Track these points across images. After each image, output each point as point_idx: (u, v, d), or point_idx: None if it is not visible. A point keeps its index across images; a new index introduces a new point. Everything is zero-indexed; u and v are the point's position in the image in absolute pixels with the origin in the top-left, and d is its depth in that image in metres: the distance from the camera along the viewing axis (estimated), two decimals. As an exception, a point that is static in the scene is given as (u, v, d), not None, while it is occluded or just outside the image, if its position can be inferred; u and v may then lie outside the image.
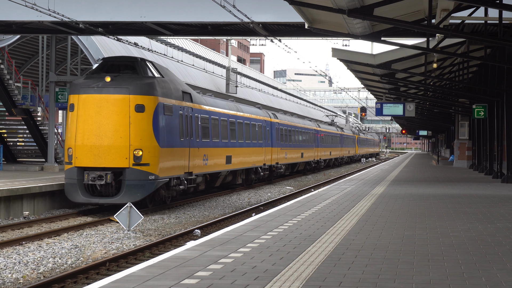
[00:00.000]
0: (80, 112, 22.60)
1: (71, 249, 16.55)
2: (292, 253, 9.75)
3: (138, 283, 7.64)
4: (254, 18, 26.86)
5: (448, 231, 12.44)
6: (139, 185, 22.45)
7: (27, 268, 14.40)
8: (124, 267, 14.37)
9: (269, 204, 27.72)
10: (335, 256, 9.50)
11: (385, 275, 8.20)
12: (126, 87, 22.50)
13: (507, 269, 8.67)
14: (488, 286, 7.60)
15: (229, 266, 8.69)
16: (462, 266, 8.81)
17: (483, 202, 19.09)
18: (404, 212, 15.97)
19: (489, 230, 12.59)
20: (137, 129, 22.45)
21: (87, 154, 22.30)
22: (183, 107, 25.63)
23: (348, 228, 12.67)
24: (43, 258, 15.38)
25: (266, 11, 27.04)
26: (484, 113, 36.54)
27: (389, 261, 9.14)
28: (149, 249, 16.61)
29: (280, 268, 8.61)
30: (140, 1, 27.38)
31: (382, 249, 10.17)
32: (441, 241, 11.12)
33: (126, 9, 27.49)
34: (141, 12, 27.56)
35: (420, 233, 12.11)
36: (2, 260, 14.98)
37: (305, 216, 14.79)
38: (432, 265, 8.90)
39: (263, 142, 39.56)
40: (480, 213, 15.79)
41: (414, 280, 7.89)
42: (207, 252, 9.77)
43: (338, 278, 8.01)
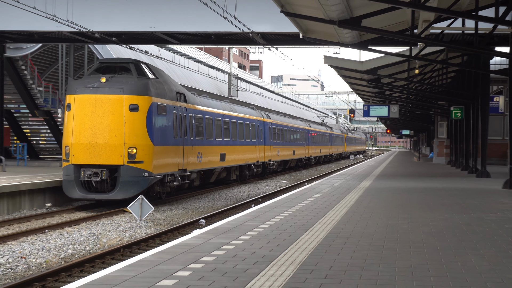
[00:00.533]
0: (76, 111, 21.57)
1: (89, 237, 16.57)
2: (288, 241, 9.78)
3: (149, 267, 7.69)
4: (253, 28, 26.87)
5: (427, 220, 12.47)
6: (133, 182, 21.38)
7: (49, 254, 14.44)
8: (136, 253, 14.39)
9: (267, 196, 27.70)
10: (326, 243, 9.53)
11: (370, 260, 8.24)
12: (121, 88, 21.52)
13: (481, 254, 8.72)
14: (463, 270, 7.64)
15: (231, 252, 8.73)
16: (440, 252, 8.85)
17: (459, 194, 19.11)
18: (388, 203, 15.99)
19: (464, 220, 12.62)
20: (131, 128, 21.44)
21: (83, 152, 21.26)
22: (177, 107, 24.64)
23: (338, 218, 12.69)
24: (64, 245, 15.41)
25: (264, 22, 27.04)
26: (461, 115, 36.58)
27: (374, 248, 9.17)
28: (159, 237, 16.62)
29: (277, 254, 8.64)
30: (150, 13, 27.36)
31: (368, 237, 10.21)
32: (421, 229, 11.16)
33: (138, 20, 27.48)
34: (151, 23, 27.57)
35: (402, 222, 12.14)
36: (27, 247, 15.01)
37: (299, 207, 14.81)
38: (413, 251, 8.94)
39: (256, 140, 38.66)
40: (456, 205, 15.82)
41: (397, 265, 7.93)
42: (211, 240, 9.80)
43: (328, 263, 8.05)
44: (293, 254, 8.61)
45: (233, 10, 26.07)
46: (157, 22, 27.54)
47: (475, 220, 12.55)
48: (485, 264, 7.99)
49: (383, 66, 33.84)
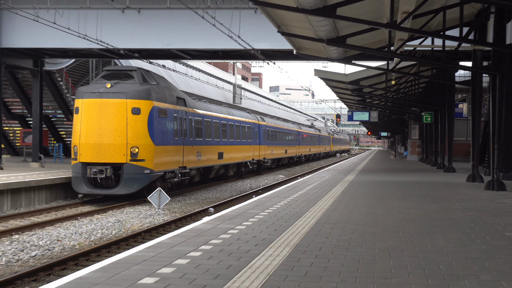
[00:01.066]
0: (83, 114, 20.58)
1: (114, 223, 16.61)
2: (284, 226, 9.80)
3: (166, 249, 7.70)
4: (254, 45, 26.86)
5: (402, 209, 12.49)
6: (135, 178, 20.33)
7: (81, 237, 14.48)
8: (155, 236, 14.41)
9: (266, 188, 27.73)
10: (316, 228, 9.55)
11: (354, 242, 8.26)
12: (124, 93, 20.48)
13: (447, 237, 8.73)
14: (433, 251, 7.66)
15: (235, 236, 8.74)
16: (413, 236, 8.87)
17: (430, 187, 19.14)
18: (369, 194, 16.01)
19: (433, 208, 12.63)
20: (133, 129, 20.41)
21: (89, 151, 20.28)
22: (177, 110, 23.51)
23: (326, 207, 12.71)
24: (94, 230, 15.45)
25: (264, 40, 27.03)
26: (431, 119, 36.63)
27: (357, 232, 9.19)
28: (174, 223, 16.66)
29: (274, 237, 8.66)
30: (167, 32, 27.36)
31: (352, 223, 10.22)
32: (397, 216, 11.17)
33: (156, 38, 27.48)
34: (167, 41, 27.56)
35: (381, 210, 12.16)
36: (63, 231, 15.05)
37: (293, 198, 14.83)
38: (390, 235, 8.96)
39: (252, 140, 37.63)
40: (427, 195, 15.84)
41: (376, 246, 7.95)
42: (218, 225, 9.82)
43: (318, 245, 8.07)
44: (288, 237, 8.62)
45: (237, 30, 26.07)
46: (173, 40, 27.53)
47: (443, 209, 12.57)
48: (451, 246, 8.01)
49: (365, 77, 33.91)
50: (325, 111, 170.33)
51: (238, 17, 26.21)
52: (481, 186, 19.27)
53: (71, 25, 26.61)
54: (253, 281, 5.95)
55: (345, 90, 39.18)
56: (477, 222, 10.51)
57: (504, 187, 17.30)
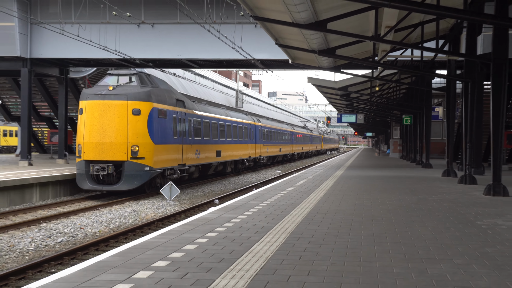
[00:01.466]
0: (87, 115, 19.46)
1: (131, 213, 16.62)
2: (280, 215, 9.81)
3: (176, 235, 7.71)
4: (255, 56, 26.87)
5: (385, 200, 12.50)
6: (136, 175, 19.24)
7: (101, 225, 14.49)
8: (167, 224, 14.42)
9: (264, 182, 27.75)
10: (309, 217, 9.56)
11: (343, 230, 8.27)
12: (125, 95, 19.41)
13: (425, 226, 8.74)
14: (412, 238, 7.67)
15: (238, 224, 8.75)
16: (394, 224, 8.88)
17: (409, 180, 19.15)
18: (356, 187, 16.03)
19: (413, 200, 12.65)
20: (134, 129, 19.33)
21: (92, 150, 19.16)
22: (176, 112, 22.27)
23: (318, 199, 12.73)
24: (112, 219, 15.46)
25: (263, 51, 27.03)
26: (410, 121, 36.63)
27: (345, 221, 9.20)
28: (184, 213, 16.67)
29: (272, 225, 8.67)
30: (177, 44, 27.38)
31: (341, 213, 10.23)
32: (380, 207, 11.19)
33: (168, 50, 27.49)
34: (178, 52, 27.57)
35: (366, 202, 12.17)
36: (85, 220, 15.06)
37: (289, 190, 14.84)
38: (374, 223, 8.96)
39: (248, 140, 36.55)
40: (407, 188, 15.85)
41: (362, 233, 7.95)
42: (223, 215, 9.83)
43: (311, 232, 8.07)
44: (284, 226, 8.63)
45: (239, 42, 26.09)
46: (182, 51, 27.52)
47: (421, 200, 12.58)
48: (428, 233, 8.02)
49: (352, 84, 33.90)
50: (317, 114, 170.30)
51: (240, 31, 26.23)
52: (454, 180, 19.30)
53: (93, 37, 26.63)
54: (253, 264, 5.96)
55: (334, 95, 39.18)
56: (451, 212, 10.52)
57: (475, 181, 17.32)
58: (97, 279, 5.36)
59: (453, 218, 9.70)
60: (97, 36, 26.88)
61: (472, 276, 5.58)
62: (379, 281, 5.34)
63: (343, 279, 5.42)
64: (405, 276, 5.54)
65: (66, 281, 5.32)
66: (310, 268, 5.82)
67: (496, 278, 5.51)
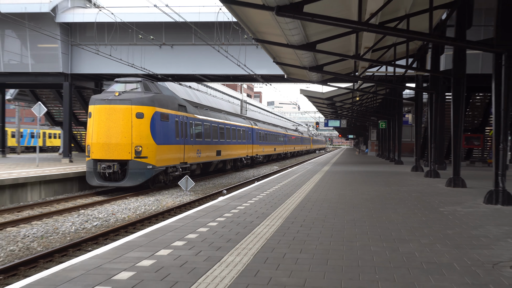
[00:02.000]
0: (95, 118, 18.10)
1: (154, 201, 16.62)
2: (277, 203, 9.81)
3: (191, 220, 7.71)
4: (256, 71, 26.88)
5: (364, 191, 12.49)
6: (139, 173, 17.97)
7: (129, 211, 14.50)
8: (184, 211, 14.44)
9: (264, 176, 27.73)
10: (301, 205, 9.56)
11: (329, 215, 8.27)
12: (129, 100, 18.10)
13: (397, 212, 8.73)
14: (386, 221, 7.66)
15: (243, 211, 8.75)
16: (371, 211, 8.87)
17: (384, 175, 19.13)
18: (340, 180, 16.02)
19: (387, 191, 12.64)
20: (137, 131, 18.00)
21: (100, 150, 17.89)
22: (178, 115, 20.73)
23: (309, 190, 12.72)
24: (139, 206, 15.46)
25: (263, 67, 27.04)
26: (385, 125, 36.59)
27: (331, 208, 9.20)
28: (197, 201, 16.66)
29: (270, 211, 8.67)
30: (192, 62, 27.41)
31: (327, 201, 10.23)
32: (360, 197, 11.18)
33: (184, 66, 27.51)
34: (192, 68, 27.59)
35: (349, 192, 12.17)
36: (116, 207, 15.06)
37: (285, 183, 14.84)
38: (355, 210, 8.96)
39: (246, 141, 35.00)
40: (382, 181, 15.84)
41: (345, 218, 7.95)
42: (230, 203, 9.83)
43: (303, 217, 8.07)
44: (280, 212, 8.63)
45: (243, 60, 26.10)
46: (196, 68, 27.53)
47: (394, 191, 12.58)
48: (399, 218, 8.02)
49: (337, 95, 33.91)
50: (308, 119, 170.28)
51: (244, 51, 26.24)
52: (421, 174, 19.27)
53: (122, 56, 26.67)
54: (255, 244, 5.96)
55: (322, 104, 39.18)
56: (419, 200, 10.51)
57: (438, 175, 17.30)
58: (126, 256, 5.37)
59: (420, 205, 9.70)
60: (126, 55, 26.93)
61: (436, 254, 5.58)
62: (359, 258, 5.34)
63: (329, 256, 5.43)
64: (380, 254, 5.54)
65: (100, 257, 5.34)
66: (302, 247, 5.82)
67: (456, 255, 5.52)
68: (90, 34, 27.18)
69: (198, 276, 4.63)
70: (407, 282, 4.51)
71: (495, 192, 9.93)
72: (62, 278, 4.59)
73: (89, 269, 4.88)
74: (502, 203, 9.81)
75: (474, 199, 10.86)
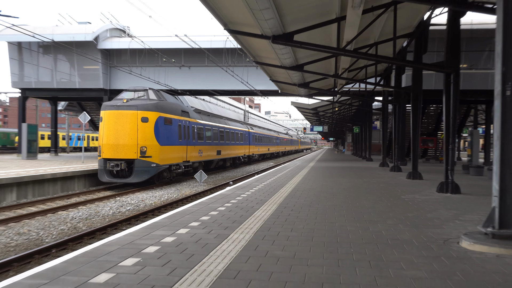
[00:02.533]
0: (105, 122, 16.67)
1: (175, 190, 16.58)
2: (273, 192, 9.78)
3: (205, 205, 7.69)
4: (256, 87, 26.86)
5: (342, 182, 12.47)
6: (144, 170, 16.51)
7: (155, 198, 14.45)
8: (198, 198, 14.41)
9: (262, 171, 27.69)
10: (292, 193, 9.54)
11: (314, 202, 8.25)
12: (135, 106, 16.67)
13: (368, 199, 8.72)
14: (359, 207, 7.64)
15: (246, 198, 8.73)
16: (347, 198, 8.86)
17: (357, 169, 19.10)
18: (322, 174, 15.99)
19: (360, 182, 12.62)
20: (142, 133, 16.57)
21: (109, 150, 16.47)
22: (181, 120, 19.21)
23: (298, 181, 12.70)
24: (163, 194, 15.43)
25: (262, 84, 27.03)
26: (358, 130, 36.55)
27: (316, 196, 9.18)
28: (209, 190, 16.59)
29: (267, 198, 8.65)
30: (205, 80, 27.41)
31: (312, 190, 10.21)
32: (339, 187, 11.16)
33: (199, 83, 27.51)
34: (205, 85, 27.58)
35: (330, 183, 12.15)
36: (145, 195, 15.02)
37: (279, 175, 14.81)
38: (334, 197, 8.95)
39: (243, 142, 33.43)
40: (356, 174, 15.82)
41: (327, 204, 7.93)
42: (235, 192, 9.81)
43: (293, 203, 8.05)
44: (275, 199, 8.62)
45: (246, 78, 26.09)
46: (208, 84, 27.53)
47: (365, 183, 12.56)
48: (370, 204, 8.00)
49: (320, 106, 33.82)
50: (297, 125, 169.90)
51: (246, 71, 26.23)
52: (387, 169, 19.24)
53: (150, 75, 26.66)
54: (255, 224, 5.95)
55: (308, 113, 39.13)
56: (385, 190, 10.50)
57: (400, 170, 17.27)
58: (153, 234, 5.37)
59: (386, 193, 9.68)
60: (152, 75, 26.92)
61: (399, 232, 5.57)
62: (338, 235, 5.33)
63: (314, 233, 5.42)
64: (355, 232, 5.53)
65: (132, 235, 5.33)
66: (292, 227, 5.81)
67: (414, 233, 5.51)
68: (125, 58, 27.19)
69: (210, 250, 4.62)
70: (376, 254, 4.51)
71: (445, 183, 9.93)
72: (102, 251, 4.59)
73: (123, 244, 4.88)
74: (451, 192, 9.80)
75: (429, 188, 10.85)
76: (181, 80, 27.46)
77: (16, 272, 6.72)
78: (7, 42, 27.21)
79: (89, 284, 3.62)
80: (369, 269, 4.03)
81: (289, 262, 4.21)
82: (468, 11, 7.54)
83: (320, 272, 3.92)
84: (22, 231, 9.32)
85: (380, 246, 4.85)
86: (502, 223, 4.87)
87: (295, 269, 3.99)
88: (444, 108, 9.97)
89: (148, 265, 4.11)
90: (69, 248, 8.11)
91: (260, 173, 24.21)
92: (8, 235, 8.95)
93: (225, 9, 8.69)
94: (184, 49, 26.72)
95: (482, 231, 4.98)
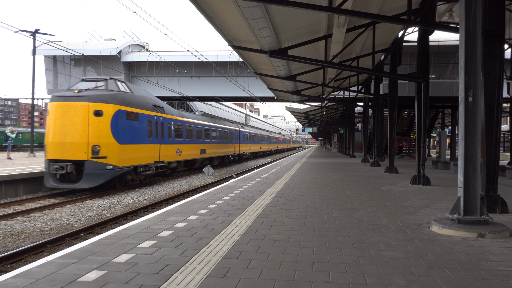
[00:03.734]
0: (50, 116, 11.92)
1: (186, 183, 16.49)
2: (270, 183, 9.74)
3: (212, 195, 7.65)
4: (256, 94, 26.81)
5: (330, 175, 12.43)
6: (97, 174, 11.84)
7: (169, 189, 14.36)
8: (206, 189, 14.35)
9: (261, 166, 27.60)
10: (286, 185, 9.50)
11: (305, 193, 8.20)
12: (87, 96, 11.91)
13: (351, 190, 8.68)
14: (344, 196, 7.60)
15: (247, 189, 8.69)
16: (334, 189, 8.81)
17: (342, 164, 19.06)
18: (313, 168, 15.95)
19: (345, 175, 12.57)
20: (95, 129, 11.88)
21: (54, 149, 11.73)
22: (152, 116, 14.57)
23: (291, 175, 12.65)
24: (176, 186, 15.33)
25: (261, 91, 26.97)
26: (343, 131, 36.48)
27: (307, 187, 9.14)
28: (216, 182, 16.50)
29: (265, 189, 8.60)
30: (212, 88, 27.35)
31: (304, 183, 10.17)
32: (326, 179, 11.12)
33: (207, 91, 27.45)
34: (213, 92, 27.52)
35: (319, 176, 12.10)
36: (160, 187, 14.95)
37: (275, 170, 14.76)
38: (323, 188, 8.90)
39: (233, 141, 28.73)
40: (341, 169, 15.77)
41: (316, 194, 7.89)
42: (238, 184, 9.76)
43: (287, 193, 8.00)
44: (272, 190, 8.58)
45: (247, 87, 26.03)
46: (215, 92, 27.48)
47: (349, 176, 12.52)
48: (353, 194, 7.96)
49: (311, 110, 33.78)
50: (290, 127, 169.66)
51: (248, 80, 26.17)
52: (368, 164, 19.19)
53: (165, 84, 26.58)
54: (255, 212, 5.92)
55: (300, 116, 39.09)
56: (366, 182, 10.46)
57: (379, 165, 17.22)
58: (167, 220, 5.33)
59: (367, 185, 9.64)
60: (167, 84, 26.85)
61: (378, 218, 5.54)
62: (325, 221, 5.30)
63: (305, 220, 5.38)
64: (340, 218, 5.50)
65: (149, 220, 5.29)
66: (287, 214, 5.78)
67: (391, 219, 5.47)
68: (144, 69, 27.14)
69: (216, 234, 4.59)
70: (358, 237, 4.47)
71: (417, 176, 9.90)
72: (123, 235, 4.55)
73: (142, 228, 4.84)
74: (423, 184, 9.78)
75: (403, 181, 10.81)
76: (192, 88, 27.41)
77: (50, 253, 6.68)
78: (44, 55, 27.17)
79: (112, 263, 3.59)
80: (353, 250, 4.00)
81: (284, 244, 4.18)
82: (435, 30, 7.54)
83: (311, 253, 3.90)
84: (55, 217, 9.28)
85: (362, 230, 4.81)
86: (466, 210, 4.86)
87: (289, 250, 3.96)
88: (416, 112, 9.96)
89: (162, 246, 4.08)
90: (95, 232, 8.07)
91: (260, 167, 24.14)
92: (43, 221, 8.91)
93: (229, 29, 8.69)
94: (195, 62, 26.67)
95: (449, 217, 4.96)
